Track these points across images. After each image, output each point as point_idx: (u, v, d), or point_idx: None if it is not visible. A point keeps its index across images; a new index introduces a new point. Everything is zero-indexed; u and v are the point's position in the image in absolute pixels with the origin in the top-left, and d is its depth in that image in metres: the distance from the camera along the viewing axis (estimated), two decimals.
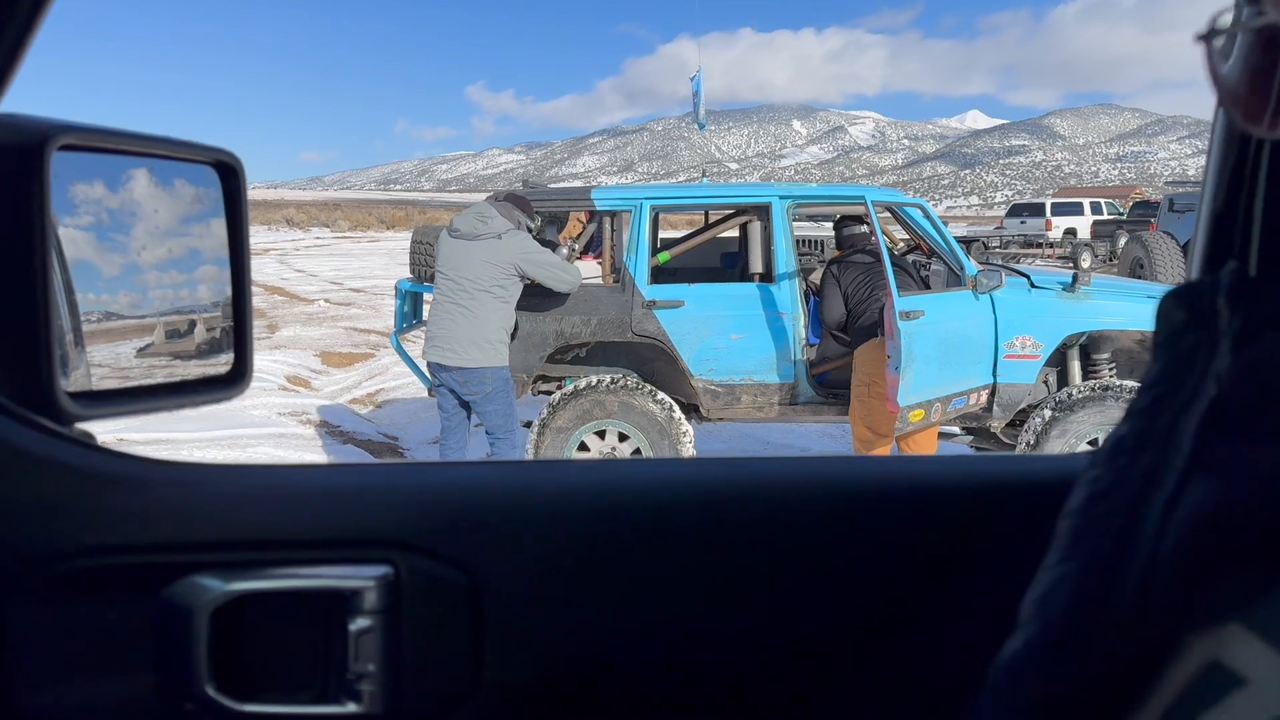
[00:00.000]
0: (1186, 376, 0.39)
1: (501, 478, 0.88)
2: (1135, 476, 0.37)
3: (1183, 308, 0.41)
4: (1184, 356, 0.39)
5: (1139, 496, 0.36)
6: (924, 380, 4.83)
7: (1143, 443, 0.38)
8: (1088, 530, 0.38)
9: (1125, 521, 0.36)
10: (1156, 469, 0.37)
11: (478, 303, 4.76)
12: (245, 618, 0.77)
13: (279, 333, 11.69)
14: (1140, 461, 0.38)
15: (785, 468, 0.93)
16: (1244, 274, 0.40)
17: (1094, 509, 0.38)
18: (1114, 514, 0.37)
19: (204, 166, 0.89)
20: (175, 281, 1.02)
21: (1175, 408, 0.38)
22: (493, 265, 4.75)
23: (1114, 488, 0.38)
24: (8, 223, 0.65)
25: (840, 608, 0.86)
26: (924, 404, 4.87)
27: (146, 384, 0.88)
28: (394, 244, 30.89)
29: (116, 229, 0.96)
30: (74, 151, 0.72)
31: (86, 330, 0.93)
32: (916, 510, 0.87)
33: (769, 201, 5.41)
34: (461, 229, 4.81)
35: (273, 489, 0.82)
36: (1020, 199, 43.28)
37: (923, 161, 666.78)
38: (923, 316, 4.82)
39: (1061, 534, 0.39)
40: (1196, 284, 0.40)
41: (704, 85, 8.33)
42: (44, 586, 0.73)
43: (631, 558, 0.84)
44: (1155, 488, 0.36)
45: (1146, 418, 0.39)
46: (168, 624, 0.74)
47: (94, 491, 0.75)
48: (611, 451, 5.38)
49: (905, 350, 4.67)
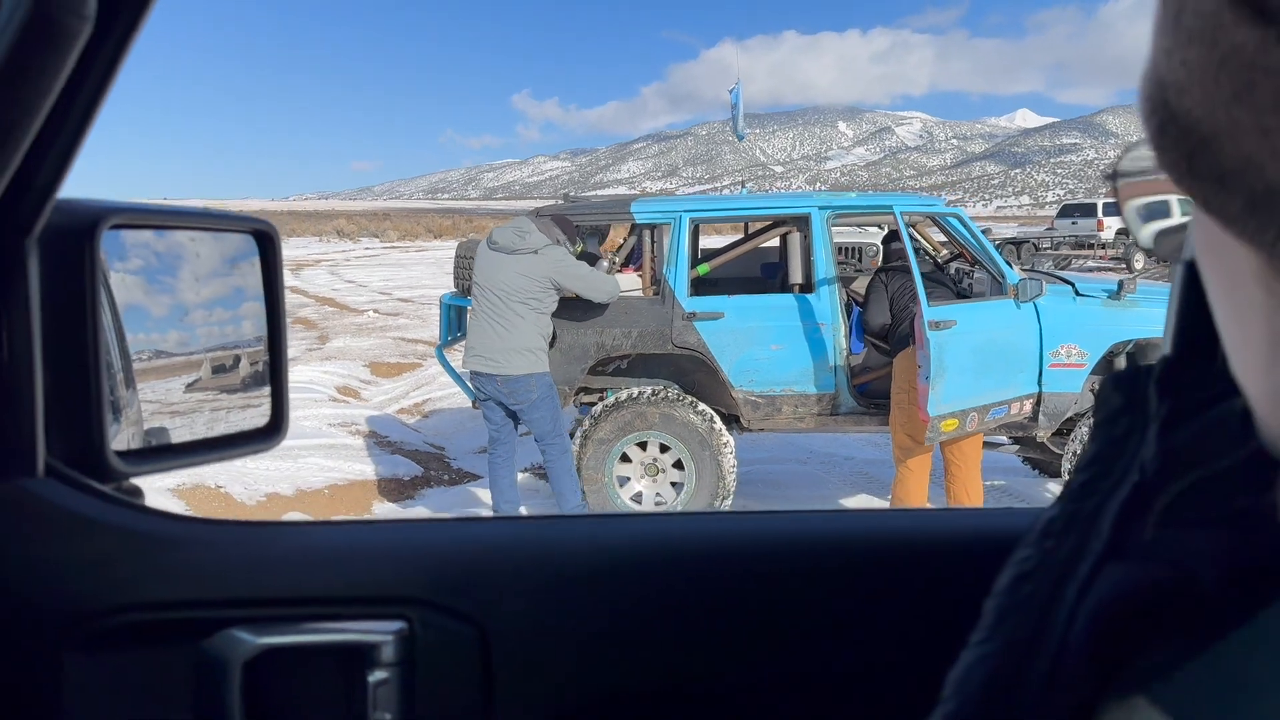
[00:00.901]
0: (1117, 461, 0.40)
1: (511, 534, 0.92)
2: (1058, 560, 0.38)
3: (1119, 392, 0.42)
4: (1117, 440, 0.40)
5: (1059, 580, 0.38)
6: (957, 389, 4.79)
7: (1069, 525, 0.39)
8: (1010, 611, 0.39)
9: (1044, 604, 0.37)
10: (1078, 552, 0.38)
11: (513, 314, 4.83)
12: (275, 669, 0.82)
13: (329, 344, 11.89)
14: (1065, 544, 0.39)
15: (795, 522, 0.95)
16: (1177, 360, 0.41)
17: (1018, 590, 0.39)
18: (1035, 596, 0.38)
19: (243, 235, 0.95)
20: (220, 319, 1.08)
21: (1104, 491, 0.39)
22: (528, 279, 4.83)
23: (1037, 570, 0.39)
24: (62, 298, 0.71)
25: (849, 662, 0.88)
26: (957, 413, 4.83)
27: (189, 440, 0.94)
28: (441, 253, 31.23)
29: (164, 271, 1.02)
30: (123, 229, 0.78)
31: (138, 369, 0.99)
32: (931, 563, 0.89)
33: (808, 212, 5.40)
34: (500, 242, 4.90)
35: (299, 547, 0.87)
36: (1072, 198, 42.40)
37: (971, 161, 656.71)
38: (955, 326, 4.78)
39: (987, 613, 0.40)
40: (1134, 369, 0.42)
41: (745, 91, 8.32)
42: (93, 640, 0.80)
43: (641, 611, 0.88)
44: (1074, 571, 0.37)
45: (1076, 500, 0.40)
46: (204, 675, 0.80)
47: (139, 550, 0.81)
48: (653, 462, 5.41)
49: (935, 359, 4.65)
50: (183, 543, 0.83)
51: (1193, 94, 0.27)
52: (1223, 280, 0.32)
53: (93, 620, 0.79)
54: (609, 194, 7.32)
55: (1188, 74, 0.27)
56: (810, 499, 6.02)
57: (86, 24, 0.54)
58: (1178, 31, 0.27)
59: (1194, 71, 0.27)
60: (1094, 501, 0.39)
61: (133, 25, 0.62)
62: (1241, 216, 0.27)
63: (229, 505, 5.67)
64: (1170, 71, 0.28)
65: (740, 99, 8.26)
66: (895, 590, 0.88)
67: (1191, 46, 0.27)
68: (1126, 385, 0.42)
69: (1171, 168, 0.30)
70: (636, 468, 5.45)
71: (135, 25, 0.62)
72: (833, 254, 5.43)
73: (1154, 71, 0.30)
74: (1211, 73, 0.26)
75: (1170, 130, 0.29)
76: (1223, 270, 0.32)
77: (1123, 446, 0.40)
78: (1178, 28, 0.27)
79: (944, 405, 4.76)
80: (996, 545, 0.89)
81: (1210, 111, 0.27)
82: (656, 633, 0.87)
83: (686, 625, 0.88)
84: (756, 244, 6.33)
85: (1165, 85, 0.29)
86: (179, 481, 5.73)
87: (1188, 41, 0.27)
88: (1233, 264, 0.30)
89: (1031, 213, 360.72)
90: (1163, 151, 0.30)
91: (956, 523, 0.94)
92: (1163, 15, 0.28)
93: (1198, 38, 0.26)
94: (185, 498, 5.67)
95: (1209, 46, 0.26)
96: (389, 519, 1.00)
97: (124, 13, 0.61)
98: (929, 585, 0.88)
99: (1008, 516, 0.96)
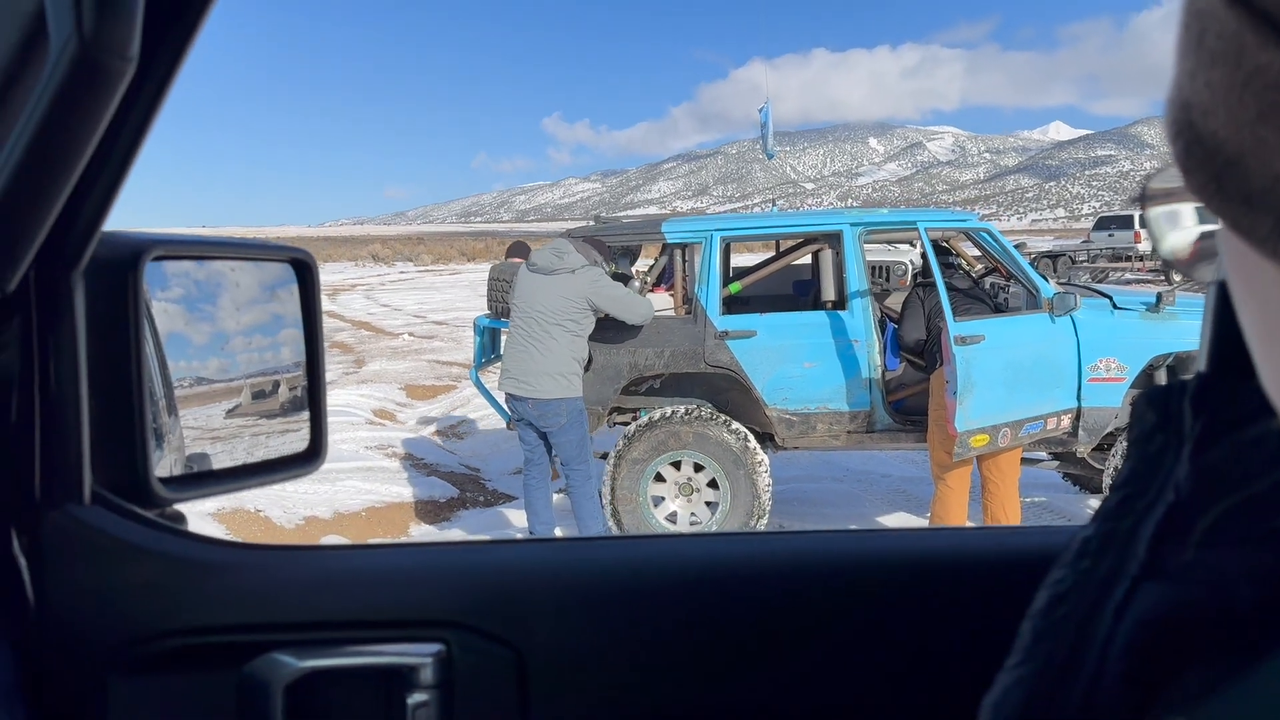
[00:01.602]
0: (1152, 479, 0.39)
1: (546, 556, 0.93)
2: (1095, 580, 0.38)
3: (1153, 409, 0.41)
4: (1151, 459, 0.40)
5: (1096, 601, 0.37)
6: (987, 405, 4.74)
7: (1105, 546, 0.39)
8: (1046, 633, 0.39)
9: (1081, 626, 0.37)
10: (1114, 573, 0.38)
11: (551, 335, 4.87)
12: (316, 692, 0.84)
13: (366, 367, 12.02)
14: (1101, 565, 0.39)
15: (830, 542, 0.95)
16: (1210, 378, 0.40)
17: (1054, 612, 0.39)
18: (1071, 618, 0.38)
19: (281, 264, 0.97)
20: (260, 345, 1.10)
21: (1138, 511, 0.39)
22: (566, 299, 4.87)
23: (1073, 591, 0.39)
24: (107, 329, 0.73)
25: (886, 684, 0.87)
26: (988, 429, 4.78)
27: (230, 466, 0.96)
28: (474, 276, 31.50)
29: (205, 299, 1.04)
30: (164, 260, 0.80)
31: (180, 395, 1.01)
32: (969, 583, 0.88)
33: (840, 229, 5.39)
34: (539, 264, 4.95)
35: (339, 571, 0.89)
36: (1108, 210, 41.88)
37: (1005, 175, 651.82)
38: (983, 341, 4.74)
39: (1023, 635, 0.40)
40: (1168, 387, 0.41)
41: (775, 110, 8.34)
42: (139, 665, 0.81)
43: (676, 632, 0.88)
44: (1111, 592, 0.37)
45: (1112, 519, 0.40)
46: (248, 697, 0.81)
47: (183, 576, 0.82)
48: (687, 481, 5.39)
49: (963, 374, 4.61)
50: (225, 568, 0.85)
51: (1218, 115, 0.27)
52: (1254, 300, 0.32)
53: (139, 645, 0.81)
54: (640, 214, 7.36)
55: (1212, 95, 0.27)
56: (847, 517, 5.97)
57: (130, 65, 0.56)
58: (1200, 53, 0.27)
59: (1218, 93, 0.27)
60: (1130, 521, 0.39)
61: (174, 65, 0.64)
62: (1271, 237, 0.27)
63: (268, 529, 5.73)
64: (1194, 93, 0.28)
65: (770, 117, 8.28)
66: (932, 610, 0.88)
67: (1215, 68, 0.27)
68: (1160, 402, 0.42)
69: (1199, 189, 0.29)
70: (671, 487, 5.44)
71: (176, 65, 0.64)
72: (865, 270, 5.41)
73: (1178, 93, 0.29)
74: (1236, 94, 0.26)
75: (1196, 151, 0.29)
76: (1253, 290, 0.32)
77: (1157, 465, 0.40)
78: (1200, 49, 0.27)
79: (973, 420, 4.71)
80: (1034, 565, 0.88)
81: (1236, 132, 0.27)
82: (692, 654, 0.87)
83: (723, 646, 0.87)
84: (788, 261, 6.32)
85: (1190, 107, 0.29)
86: (219, 506, 5.80)
87: (1211, 63, 0.27)
88: (1263, 283, 0.30)
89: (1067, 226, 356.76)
90: (1190, 173, 0.30)
91: (993, 542, 0.93)
92: (1185, 37, 0.29)
93: (1220, 59, 0.26)
94: (225, 521, 5.74)
95: (1232, 68, 0.26)
96: (425, 543, 1.01)
97: (166, 54, 0.63)
98: (966, 606, 0.88)
99: (1045, 535, 0.95)
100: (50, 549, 0.77)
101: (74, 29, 0.52)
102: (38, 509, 0.76)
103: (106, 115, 0.59)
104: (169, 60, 0.64)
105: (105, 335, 0.74)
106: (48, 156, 0.58)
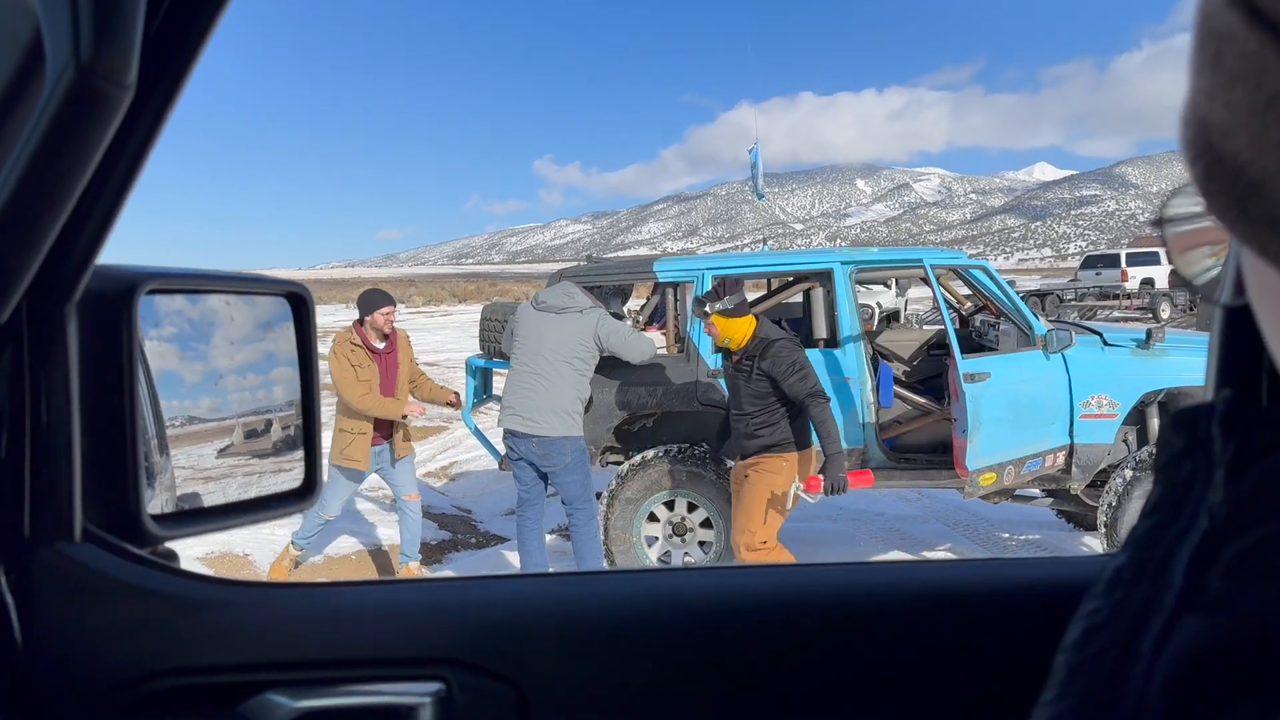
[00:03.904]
0: (1183, 505, 0.38)
1: (545, 591, 0.91)
2: (1130, 611, 0.37)
3: (1181, 433, 0.40)
4: (1181, 484, 0.39)
5: (1132, 632, 0.36)
6: (994, 443, 4.74)
7: (1139, 575, 0.38)
8: (1082, 667, 0.38)
9: (1118, 659, 0.36)
10: (1150, 604, 0.36)
11: (558, 373, 4.88)
12: None
13: None
14: (1136, 595, 0.37)
15: (828, 575, 0.93)
16: (1239, 400, 0.39)
17: (1089, 644, 0.38)
18: (1108, 650, 0.37)
19: (277, 298, 0.96)
20: (253, 384, 1.09)
21: (1171, 538, 0.38)
22: (576, 340, 4.91)
23: (1109, 622, 0.38)
24: (100, 364, 0.72)
25: (879, 715, 0.85)
26: (995, 467, 4.77)
27: (224, 503, 0.94)
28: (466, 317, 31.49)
29: (198, 338, 1.03)
30: (159, 294, 0.79)
31: (171, 435, 1.00)
32: (953, 614, 0.87)
33: (831, 268, 5.41)
34: (549, 302, 5.00)
35: (334, 609, 0.87)
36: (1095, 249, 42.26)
37: (991, 215, 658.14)
38: (989, 379, 4.75)
39: (1058, 669, 0.39)
40: (1194, 408, 0.40)
41: (764, 152, 8.41)
42: (133, 706, 0.79)
43: (676, 667, 0.86)
44: (1148, 624, 0.36)
45: (1144, 547, 0.39)
46: None
47: (176, 615, 0.80)
48: (681, 521, 5.35)
49: (972, 413, 4.60)
50: (219, 606, 0.83)
51: (1239, 137, 0.26)
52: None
53: (131, 686, 0.79)
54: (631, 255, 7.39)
55: (1232, 116, 0.26)
56: (841, 557, 5.93)
57: (127, 93, 0.56)
58: (1217, 73, 0.26)
59: (1239, 114, 0.26)
60: (1162, 549, 0.38)
61: (172, 94, 0.63)
62: None
63: (255, 573, 5.65)
64: (1213, 114, 0.27)
65: (759, 159, 8.35)
66: (935, 643, 0.86)
67: (1235, 88, 0.26)
68: (1187, 427, 0.40)
69: (1222, 213, 0.28)
70: (664, 527, 5.40)
71: (174, 94, 0.63)
72: (857, 309, 5.42)
73: (1194, 114, 0.28)
74: (1258, 116, 0.25)
75: (1218, 174, 0.28)
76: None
77: (1188, 490, 0.39)
78: (1217, 69, 0.26)
79: (982, 459, 4.70)
80: (1036, 597, 0.87)
81: (1259, 154, 0.26)
82: (694, 688, 0.86)
83: (724, 680, 0.86)
84: (779, 300, 6.34)
85: (1209, 128, 0.28)
86: (207, 550, 5.73)
87: (1230, 83, 0.26)
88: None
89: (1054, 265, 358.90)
90: (1212, 196, 0.29)
91: (995, 574, 0.92)
92: (1200, 57, 0.27)
93: (1241, 80, 0.25)
94: (213, 565, 5.66)
95: (1254, 88, 0.25)
96: (422, 578, 0.99)
97: (164, 82, 0.63)
98: (970, 638, 0.86)
99: (1045, 567, 0.94)
100: (40, 587, 0.75)
101: (71, 56, 0.52)
102: (27, 546, 0.74)
103: (103, 143, 0.58)
104: (167, 89, 0.63)
105: (98, 369, 0.72)
106: (43, 185, 0.57)
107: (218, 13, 0.62)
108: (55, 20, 0.51)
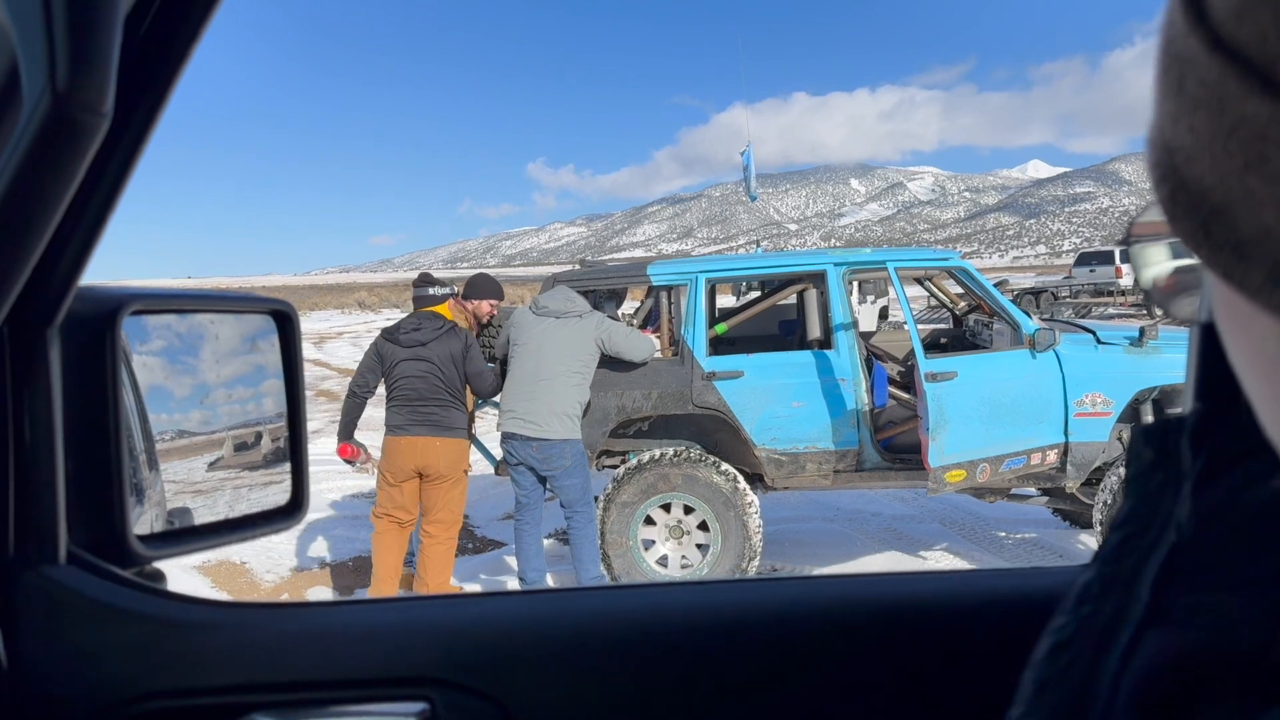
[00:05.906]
0: (1152, 519, 0.38)
1: (530, 608, 0.91)
2: (1097, 627, 0.37)
3: (1151, 446, 0.40)
4: (1150, 497, 0.39)
5: (1099, 648, 0.36)
6: (962, 440, 4.77)
7: (1106, 589, 0.38)
8: (1050, 683, 0.38)
9: (1085, 674, 0.36)
10: (1117, 618, 0.36)
11: (560, 376, 4.90)
12: None
13: None
14: (1103, 610, 0.37)
15: (817, 588, 0.93)
16: (1208, 413, 0.39)
17: (1057, 660, 0.38)
18: (1075, 665, 0.37)
19: (262, 316, 0.96)
20: (242, 396, 1.09)
21: (1140, 551, 0.38)
22: (576, 343, 4.95)
23: (1076, 637, 0.38)
24: (84, 386, 0.72)
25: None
26: (964, 464, 4.80)
27: (210, 521, 0.94)
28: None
29: (186, 351, 1.03)
30: (143, 315, 0.79)
31: (161, 449, 1.00)
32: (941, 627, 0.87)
33: (824, 269, 5.42)
34: (550, 306, 5.02)
35: (320, 629, 0.87)
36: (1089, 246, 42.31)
37: (985, 213, 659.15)
38: (955, 378, 4.80)
39: (1025, 684, 0.39)
40: (1165, 421, 0.40)
41: (757, 153, 8.43)
42: None
43: (663, 684, 0.86)
44: (1115, 638, 0.36)
45: (1112, 561, 0.39)
46: None
47: (161, 637, 0.80)
48: (678, 524, 5.35)
49: (935, 411, 4.65)
50: (205, 627, 0.83)
51: (1202, 161, 0.26)
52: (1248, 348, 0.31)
53: (117, 710, 0.79)
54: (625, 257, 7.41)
55: (1195, 141, 0.26)
56: (839, 558, 5.93)
57: (104, 121, 0.56)
58: (1181, 98, 0.26)
59: (1202, 139, 0.26)
60: (1130, 562, 0.38)
61: (149, 121, 0.64)
62: (1265, 288, 0.25)
63: (253, 582, 5.65)
64: (1176, 137, 0.27)
65: (752, 160, 8.36)
66: (924, 656, 0.86)
67: (1197, 114, 0.26)
68: (1157, 439, 0.40)
69: (1187, 236, 0.28)
70: (661, 530, 5.40)
71: (152, 121, 0.64)
72: (850, 309, 5.43)
73: (1159, 136, 0.28)
74: (1220, 142, 0.25)
75: (1181, 198, 0.28)
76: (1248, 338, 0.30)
77: (1157, 503, 0.39)
78: (1180, 94, 0.26)
79: (947, 456, 4.73)
80: (1024, 608, 0.87)
81: (1221, 180, 0.25)
82: (681, 705, 0.86)
83: (712, 696, 0.86)
84: (774, 302, 6.34)
85: (1173, 151, 0.27)
86: (204, 559, 5.72)
87: (1193, 109, 0.26)
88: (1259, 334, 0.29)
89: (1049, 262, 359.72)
90: (1176, 220, 0.28)
91: (983, 585, 0.92)
92: (1164, 80, 0.27)
93: (1203, 105, 0.25)
94: (210, 574, 5.65)
95: (1216, 114, 0.25)
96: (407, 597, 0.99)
97: (141, 109, 0.63)
98: (958, 650, 0.86)
99: (1032, 577, 0.94)
100: (24, 611, 0.75)
101: (47, 84, 0.52)
102: (11, 569, 0.74)
103: (80, 170, 0.58)
104: (144, 116, 0.63)
105: (82, 391, 0.73)
106: (21, 211, 0.57)
107: (195, 38, 0.62)
108: (31, 48, 0.52)
